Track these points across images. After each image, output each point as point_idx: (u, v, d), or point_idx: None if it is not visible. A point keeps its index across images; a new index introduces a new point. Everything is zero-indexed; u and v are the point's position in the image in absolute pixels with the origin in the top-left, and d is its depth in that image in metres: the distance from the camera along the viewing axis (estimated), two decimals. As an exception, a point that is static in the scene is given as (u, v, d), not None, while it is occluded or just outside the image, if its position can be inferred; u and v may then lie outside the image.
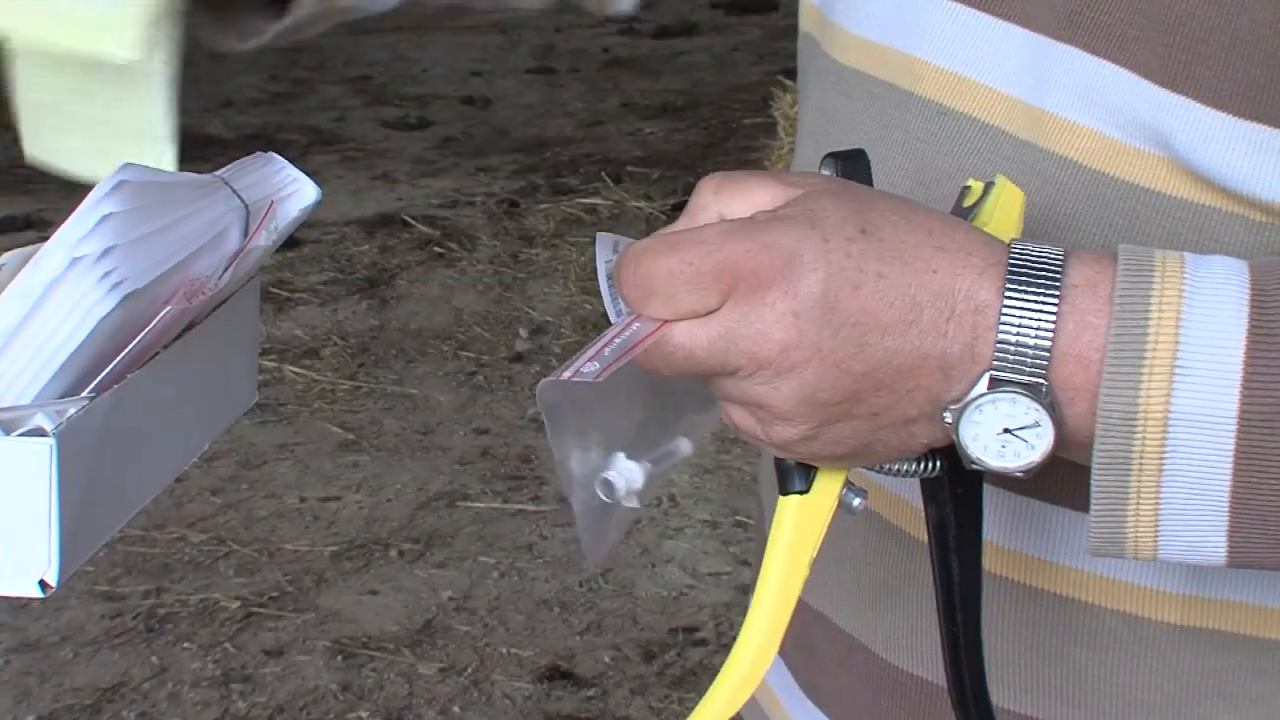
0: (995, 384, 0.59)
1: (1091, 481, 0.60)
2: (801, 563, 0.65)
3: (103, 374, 0.54)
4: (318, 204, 0.68)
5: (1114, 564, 0.62)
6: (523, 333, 4.05)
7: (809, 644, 0.85)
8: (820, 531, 0.65)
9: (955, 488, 0.66)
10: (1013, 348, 0.59)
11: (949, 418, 0.60)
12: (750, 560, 3.11)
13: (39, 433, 0.52)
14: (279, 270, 4.34)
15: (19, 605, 2.87)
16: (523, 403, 3.70)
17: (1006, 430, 0.60)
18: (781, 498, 0.65)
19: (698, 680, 2.74)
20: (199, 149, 5.44)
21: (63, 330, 0.53)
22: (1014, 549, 0.75)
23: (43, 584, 0.54)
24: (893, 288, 0.59)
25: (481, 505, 3.28)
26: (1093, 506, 0.61)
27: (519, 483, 3.37)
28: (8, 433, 0.52)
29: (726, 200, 0.62)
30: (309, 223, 4.67)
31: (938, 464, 0.65)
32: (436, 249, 4.56)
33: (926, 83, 0.75)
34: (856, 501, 0.65)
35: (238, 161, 0.68)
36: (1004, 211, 0.65)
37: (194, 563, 3.05)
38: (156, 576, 3.00)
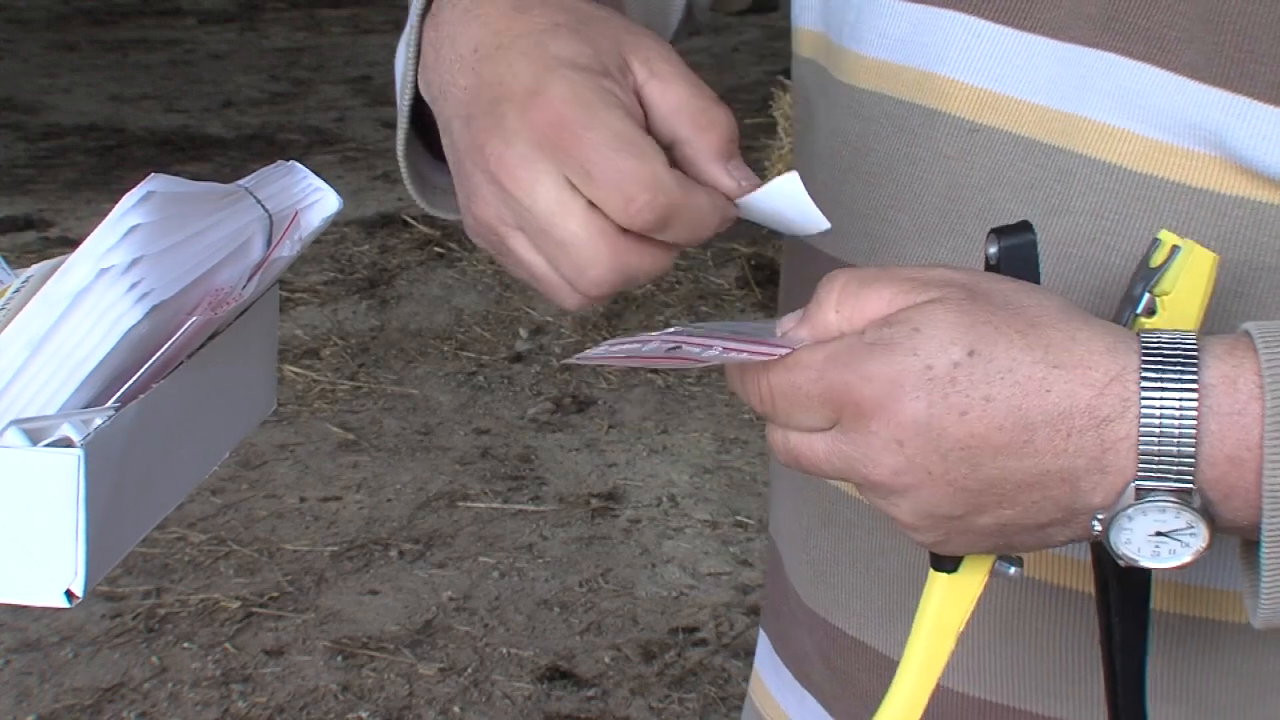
0: (1142, 493, 0.59)
1: (1262, 557, 0.60)
2: (947, 638, 0.65)
3: (128, 384, 0.54)
4: (339, 213, 0.68)
5: (1183, 570, 0.61)
6: (523, 333, 4.05)
7: (849, 675, 0.84)
8: (969, 607, 0.65)
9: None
10: (1156, 457, 0.58)
11: (1098, 526, 0.60)
12: (751, 560, 3.11)
13: (66, 443, 0.52)
14: (279, 270, 4.34)
15: (19, 605, 2.86)
16: (523, 403, 3.70)
17: (1159, 534, 0.60)
18: (932, 572, 0.65)
19: (698, 680, 2.74)
20: (199, 149, 5.44)
21: (89, 340, 0.53)
22: (1083, 559, 0.75)
23: (69, 594, 0.54)
24: (1001, 411, 0.58)
25: (481, 505, 3.28)
26: (1264, 580, 0.60)
27: (519, 483, 3.37)
28: (35, 443, 0.52)
29: (848, 313, 0.62)
30: (308, 222, 4.67)
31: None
32: (436, 249, 4.56)
33: (953, 100, 0.75)
34: (1012, 570, 0.65)
35: (260, 171, 0.68)
36: (1190, 279, 0.63)
37: (194, 563, 3.05)
38: (156, 576, 3.00)
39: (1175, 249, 0.63)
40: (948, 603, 0.65)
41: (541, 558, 3.09)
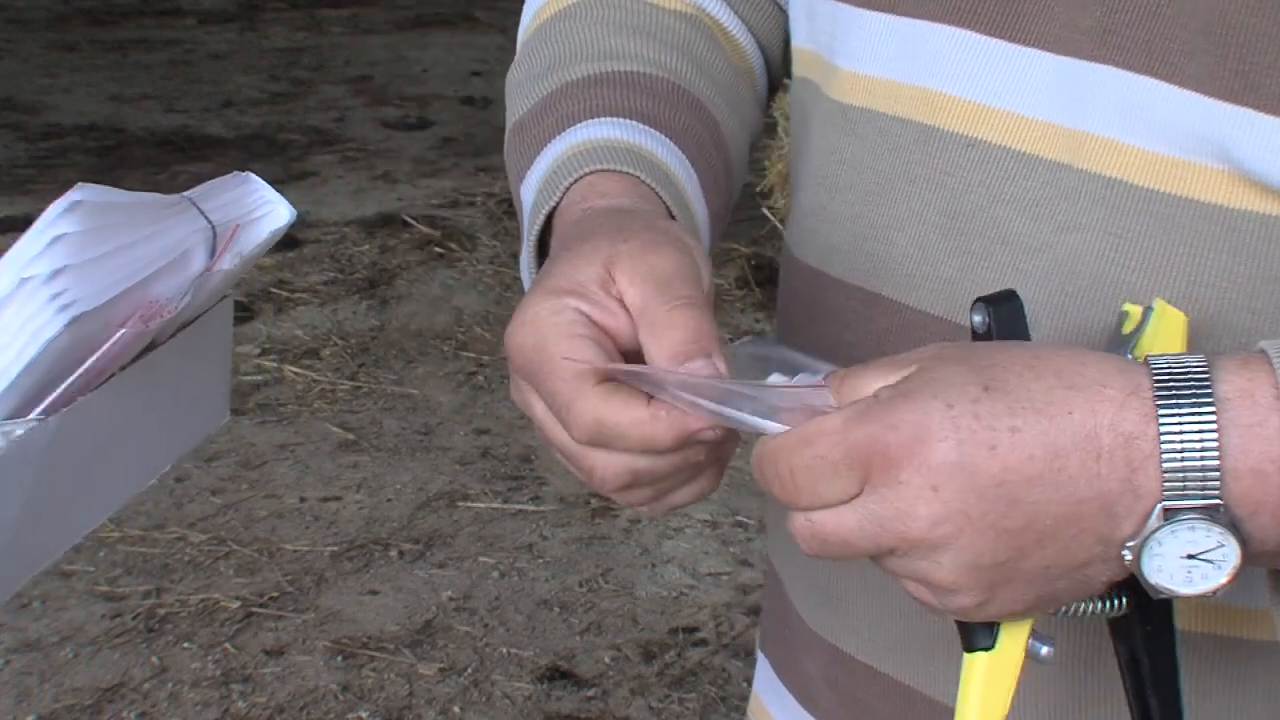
0: (1169, 514, 0.58)
1: None
2: None
3: (54, 394, 0.54)
4: (290, 225, 0.67)
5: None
6: (523, 332, 4.03)
7: (860, 700, 0.83)
8: (1011, 687, 0.63)
9: (1145, 624, 0.64)
10: (1180, 474, 0.58)
11: (1129, 555, 0.59)
12: (751, 560, 3.11)
13: (-19, 453, 0.51)
14: (279, 270, 4.34)
15: (19, 605, 2.87)
16: (522, 403, 3.70)
17: (1190, 556, 0.59)
18: (967, 655, 0.63)
19: (697, 680, 2.74)
20: (198, 149, 5.44)
21: (9, 351, 0.52)
22: None
23: (-17, 603, 0.53)
24: (1029, 439, 0.58)
25: (481, 505, 3.28)
26: None
27: (519, 483, 3.37)
28: (-49, 454, 0.52)
29: (848, 393, 0.61)
30: (309, 223, 4.67)
31: (1123, 600, 0.63)
32: (436, 249, 4.56)
33: (948, 116, 0.74)
34: (1045, 650, 0.63)
35: (212, 180, 0.67)
36: (1165, 338, 0.64)
37: (194, 563, 3.05)
38: (156, 576, 3.00)
39: (1148, 310, 0.64)
40: (990, 685, 0.63)
41: (541, 558, 3.09)
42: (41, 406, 0.53)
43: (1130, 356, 0.63)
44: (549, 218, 0.76)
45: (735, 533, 3.19)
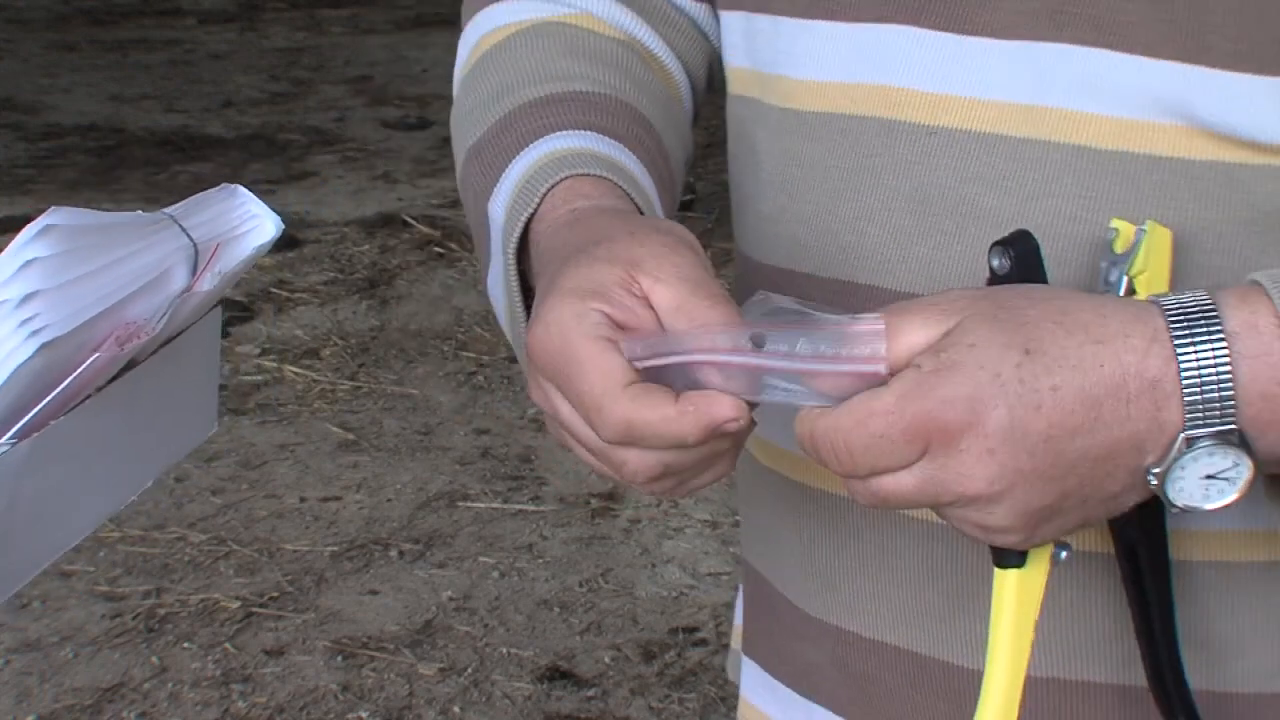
0: (1190, 441, 0.64)
1: None
2: (1027, 630, 0.68)
3: (26, 418, 0.54)
4: (275, 240, 0.67)
5: (1203, 518, 0.67)
6: (524, 332, 4.03)
7: (869, 676, 0.84)
8: (1039, 596, 0.69)
9: (1143, 519, 0.71)
10: (1199, 406, 0.63)
11: (1154, 480, 0.64)
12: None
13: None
14: (279, 270, 4.35)
15: (19, 605, 2.87)
16: (523, 403, 3.70)
17: (1209, 476, 0.64)
18: (999, 571, 0.69)
19: (697, 680, 2.74)
20: (199, 149, 5.45)
21: (-21, 377, 0.52)
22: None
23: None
24: (1069, 395, 0.63)
25: (481, 505, 3.28)
26: None
27: (519, 483, 3.37)
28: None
29: (901, 343, 0.64)
30: (309, 223, 4.67)
31: None
32: (436, 249, 4.56)
33: (908, 108, 0.76)
34: (1064, 554, 0.69)
35: (197, 195, 0.66)
36: (1157, 256, 0.69)
37: (194, 563, 3.05)
38: (156, 576, 3.00)
39: (1140, 230, 0.69)
40: (1023, 598, 0.68)
41: (541, 558, 3.09)
42: (13, 431, 0.53)
43: (1126, 276, 0.68)
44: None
45: (735, 533, 3.19)
